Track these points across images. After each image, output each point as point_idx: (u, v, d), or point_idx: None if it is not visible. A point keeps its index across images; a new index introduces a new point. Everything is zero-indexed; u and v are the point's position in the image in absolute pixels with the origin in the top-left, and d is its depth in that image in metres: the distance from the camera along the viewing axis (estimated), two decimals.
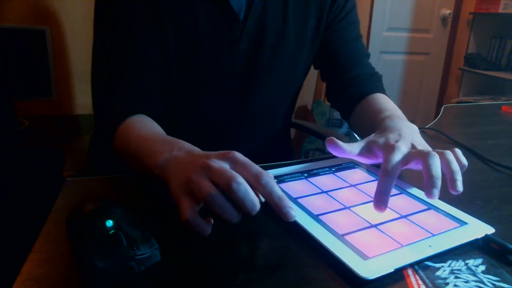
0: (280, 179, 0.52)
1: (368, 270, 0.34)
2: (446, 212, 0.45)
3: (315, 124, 2.31)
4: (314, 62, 0.81)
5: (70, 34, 1.83)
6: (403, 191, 0.51)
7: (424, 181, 0.43)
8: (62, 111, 1.90)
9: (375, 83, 0.77)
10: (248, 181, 0.37)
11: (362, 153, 0.51)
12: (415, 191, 0.51)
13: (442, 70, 2.91)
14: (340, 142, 0.49)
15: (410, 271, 0.36)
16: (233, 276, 0.35)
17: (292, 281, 0.34)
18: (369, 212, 0.45)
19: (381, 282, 0.34)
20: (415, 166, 0.46)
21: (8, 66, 1.59)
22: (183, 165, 0.41)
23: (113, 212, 0.37)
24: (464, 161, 0.47)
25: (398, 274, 0.35)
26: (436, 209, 0.46)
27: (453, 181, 0.43)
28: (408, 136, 0.51)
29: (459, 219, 0.44)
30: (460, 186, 0.42)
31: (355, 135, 2.57)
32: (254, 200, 0.36)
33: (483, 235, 0.41)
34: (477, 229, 0.42)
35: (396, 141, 0.49)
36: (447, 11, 2.72)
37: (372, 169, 0.57)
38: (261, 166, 0.39)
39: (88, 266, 0.33)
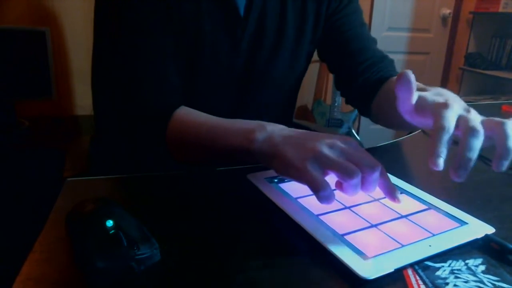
0: (280, 178, 0.52)
1: (368, 270, 0.34)
2: (446, 212, 0.45)
3: (315, 124, 2.31)
4: (320, 53, 0.80)
5: (70, 35, 1.83)
6: (403, 191, 0.51)
7: (497, 151, 0.39)
8: (62, 111, 1.90)
9: (389, 67, 0.74)
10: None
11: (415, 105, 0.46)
12: (415, 191, 0.51)
13: (442, 70, 2.91)
14: (413, 79, 0.44)
15: (410, 271, 0.36)
16: (233, 276, 0.35)
17: (292, 281, 0.34)
18: (369, 212, 0.45)
19: (381, 282, 0.34)
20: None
21: (8, 67, 1.59)
22: (302, 140, 0.44)
23: (113, 212, 0.37)
24: None
25: (398, 274, 0.35)
26: (436, 209, 0.46)
27: (502, 160, 0.39)
28: (458, 100, 0.46)
29: (459, 219, 0.44)
30: (504, 167, 0.39)
31: (355, 135, 2.55)
32: (376, 185, 0.42)
33: (483, 235, 0.41)
34: (477, 229, 0.42)
35: (447, 101, 0.43)
36: (447, 11, 2.72)
37: None
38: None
39: (88, 266, 0.33)
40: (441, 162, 0.38)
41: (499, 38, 2.77)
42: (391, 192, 0.43)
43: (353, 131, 2.31)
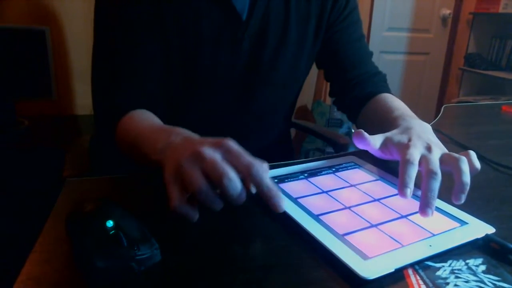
0: (280, 179, 0.52)
1: (368, 270, 0.34)
2: (447, 212, 0.45)
3: (315, 124, 2.31)
4: (317, 62, 0.81)
5: (70, 34, 1.83)
6: None
7: (455, 185, 0.44)
8: (62, 111, 1.90)
9: (379, 83, 0.77)
10: (239, 171, 0.38)
11: (380, 147, 0.52)
12: (415, 191, 0.50)
13: (442, 70, 2.91)
14: (367, 135, 0.51)
15: (410, 271, 0.36)
16: (233, 276, 0.35)
17: (292, 281, 0.34)
18: (369, 212, 0.45)
19: (381, 282, 0.34)
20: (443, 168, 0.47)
21: (8, 66, 1.59)
22: (176, 151, 0.42)
23: (113, 212, 0.37)
24: (478, 165, 0.48)
25: (398, 274, 0.35)
26: (436, 208, 0.46)
27: (459, 193, 0.44)
28: (423, 135, 0.52)
29: (459, 219, 0.44)
30: (463, 200, 0.44)
31: None
32: (243, 197, 0.38)
33: (483, 234, 0.41)
34: (478, 228, 0.42)
35: (410, 141, 0.50)
36: (447, 11, 2.72)
37: (373, 170, 0.57)
38: None
39: (88, 266, 0.33)
40: (408, 192, 0.43)
41: (499, 38, 2.77)
42: (271, 197, 0.38)
43: (353, 131, 2.31)
